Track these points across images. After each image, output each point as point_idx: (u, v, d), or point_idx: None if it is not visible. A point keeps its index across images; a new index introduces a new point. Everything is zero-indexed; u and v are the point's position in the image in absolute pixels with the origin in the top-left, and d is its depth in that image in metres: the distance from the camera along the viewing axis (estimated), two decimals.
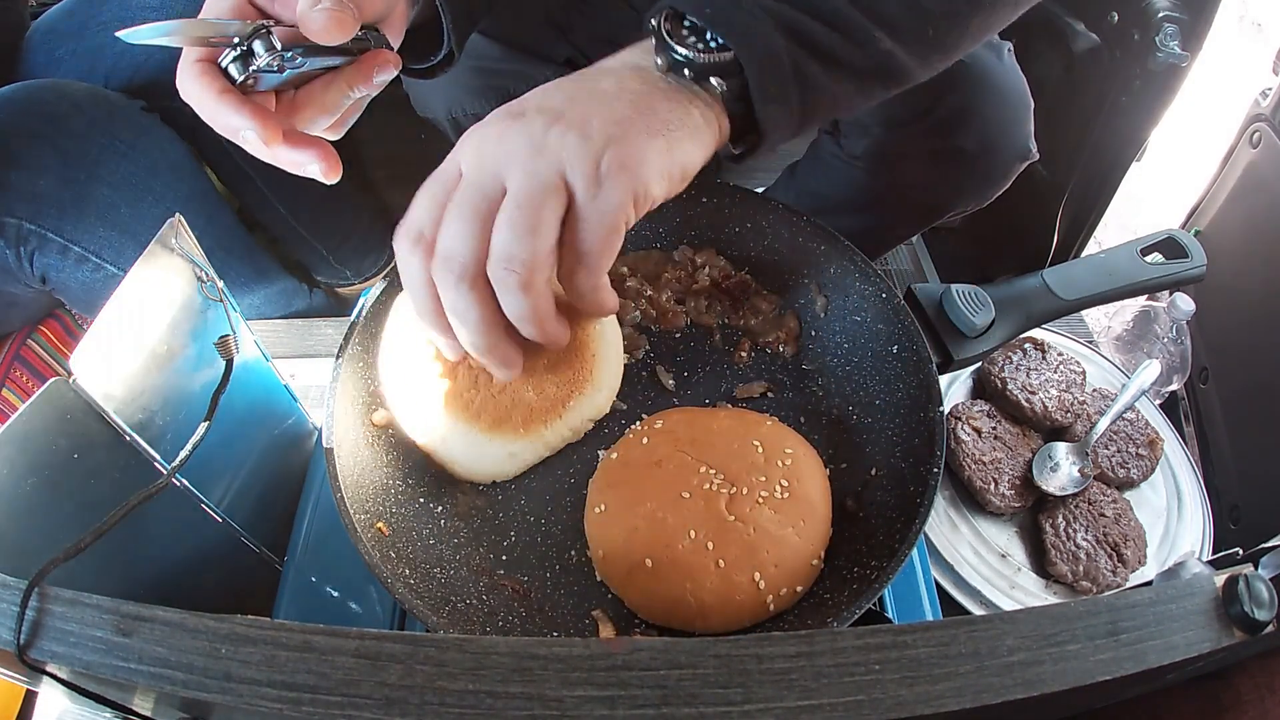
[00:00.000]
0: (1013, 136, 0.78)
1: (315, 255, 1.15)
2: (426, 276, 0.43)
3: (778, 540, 0.52)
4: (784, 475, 0.55)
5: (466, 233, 0.41)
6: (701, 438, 0.57)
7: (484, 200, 0.41)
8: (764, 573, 0.51)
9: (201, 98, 0.45)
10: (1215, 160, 1.01)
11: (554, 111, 0.41)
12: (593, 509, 0.56)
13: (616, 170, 0.40)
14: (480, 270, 0.41)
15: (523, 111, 0.42)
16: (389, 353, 0.58)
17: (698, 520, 0.52)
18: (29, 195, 0.76)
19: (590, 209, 0.40)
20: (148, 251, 0.51)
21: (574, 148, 0.40)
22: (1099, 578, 0.71)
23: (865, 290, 0.63)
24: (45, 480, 0.47)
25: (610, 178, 0.40)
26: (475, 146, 0.42)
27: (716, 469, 0.55)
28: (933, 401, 0.55)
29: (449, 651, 0.29)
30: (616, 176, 0.40)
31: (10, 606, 0.31)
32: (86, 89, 0.80)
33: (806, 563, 0.53)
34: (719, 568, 0.51)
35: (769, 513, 0.53)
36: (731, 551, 0.51)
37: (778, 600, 0.51)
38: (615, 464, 0.58)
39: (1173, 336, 0.96)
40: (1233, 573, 0.33)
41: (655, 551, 0.51)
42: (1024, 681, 0.29)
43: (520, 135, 0.41)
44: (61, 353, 0.95)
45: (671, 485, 0.54)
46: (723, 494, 0.53)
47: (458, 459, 0.57)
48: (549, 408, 0.58)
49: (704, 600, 0.50)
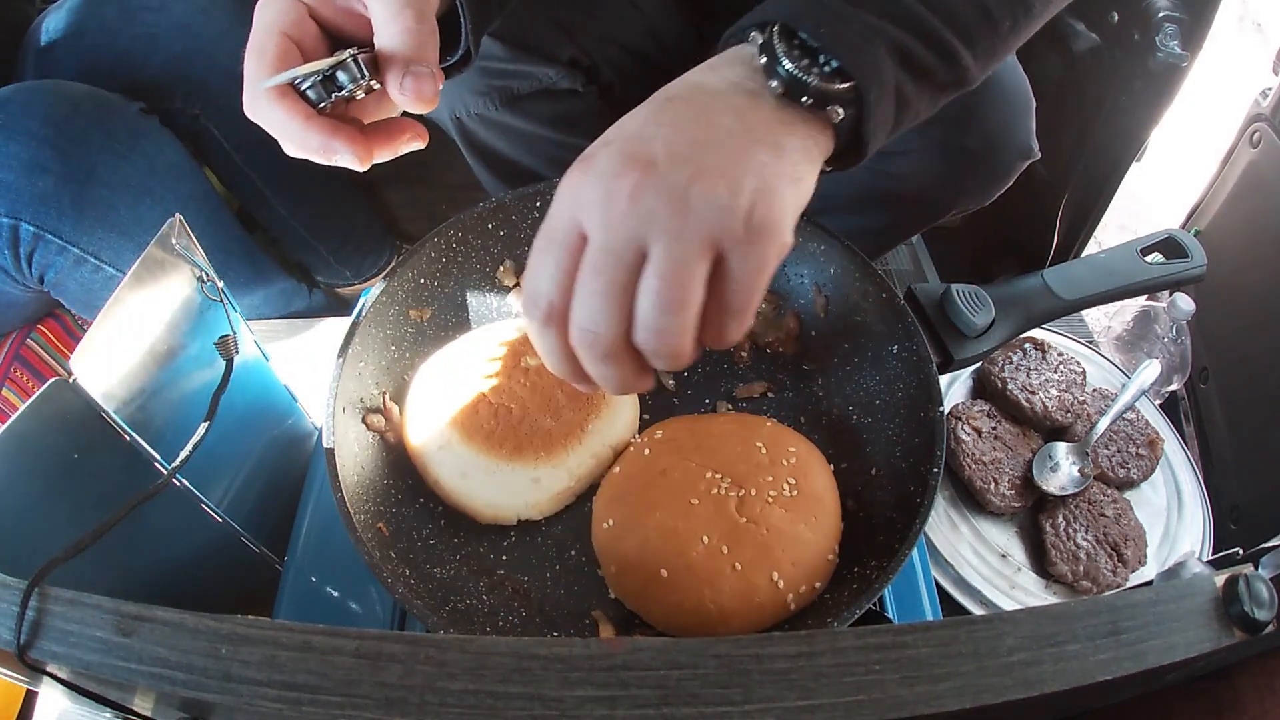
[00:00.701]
0: (1015, 134, 0.78)
1: (315, 255, 1.15)
2: (566, 349, 0.40)
3: (792, 538, 0.52)
4: (790, 473, 0.55)
5: (608, 310, 0.37)
6: (704, 444, 0.56)
7: (624, 271, 0.37)
8: (781, 571, 0.50)
9: (286, 124, 0.45)
10: (1215, 160, 1.01)
11: (688, 161, 0.37)
12: (600, 525, 0.55)
13: (765, 227, 0.37)
14: (625, 343, 0.38)
15: (653, 161, 0.37)
16: (417, 408, 0.60)
17: (709, 525, 0.52)
18: (28, 196, 0.76)
19: (741, 270, 0.37)
20: (148, 251, 0.51)
21: (722, 209, 0.36)
22: (1099, 578, 0.71)
23: (865, 290, 0.63)
24: (45, 480, 0.47)
25: (759, 235, 0.37)
26: (601, 204, 0.37)
27: (722, 473, 0.54)
28: (933, 401, 0.55)
29: (449, 651, 0.29)
30: (765, 233, 0.37)
31: (10, 606, 0.31)
32: (86, 90, 0.80)
33: (822, 558, 0.52)
34: (736, 571, 0.50)
35: (780, 511, 0.53)
36: (747, 553, 0.51)
37: (798, 598, 0.51)
38: (619, 477, 0.57)
39: (1173, 336, 0.96)
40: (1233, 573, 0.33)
41: (669, 561, 0.51)
42: (1024, 681, 0.29)
43: (658, 194, 0.36)
44: (61, 353, 0.95)
45: (679, 493, 0.53)
46: (731, 497, 0.53)
47: (482, 493, 0.57)
48: (568, 432, 0.59)
49: (724, 605, 0.49)
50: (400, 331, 0.63)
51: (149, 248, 0.51)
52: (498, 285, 0.69)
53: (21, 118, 0.75)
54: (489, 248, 0.68)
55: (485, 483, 0.57)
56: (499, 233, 0.68)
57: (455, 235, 0.65)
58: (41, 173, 0.76)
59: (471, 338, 0.65)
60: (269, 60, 0.45)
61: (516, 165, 0.87)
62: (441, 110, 0.83)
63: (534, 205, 0.68)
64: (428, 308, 0.65)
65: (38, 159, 0.75)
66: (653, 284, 0.37)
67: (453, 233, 0.65)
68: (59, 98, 0.78)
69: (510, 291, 0.70)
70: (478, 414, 0.59)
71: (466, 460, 0.57)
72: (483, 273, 0.68)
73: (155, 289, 0.52)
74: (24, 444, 0.45)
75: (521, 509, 0.58)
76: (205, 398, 0.52)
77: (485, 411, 0.59)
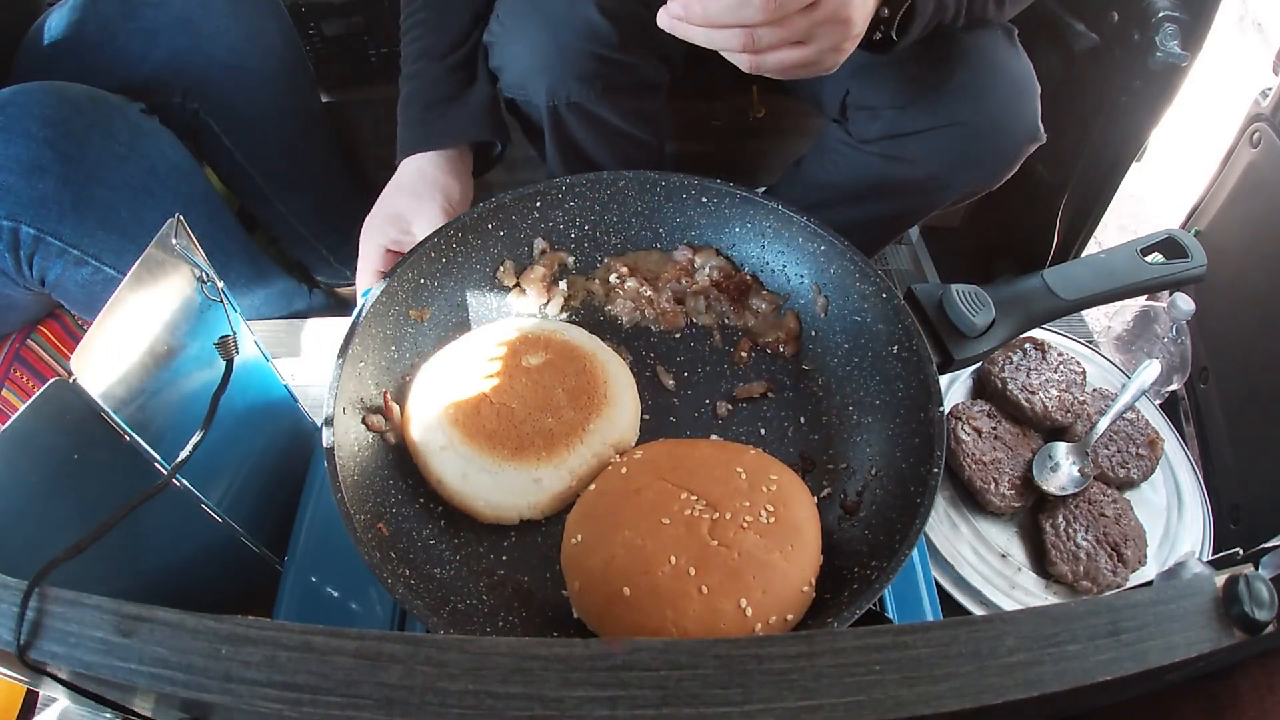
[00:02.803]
0: (1021, 114, 0.79)
1: (316, 255, 1.15)
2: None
3: (764, 565, 0.49)
4: (769, 500, 0.53)
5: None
6: (683, 465, 0.55)
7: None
8: (750, 599, 0.48)
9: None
10: (1215, 160, 1.00)
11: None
12: (568, 541, 0.54)
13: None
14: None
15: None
16: (419, 404, 0.60)
17: (678, 546, 0.50)
18: (28, 198, 0.76)
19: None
20: (148, 252, 0.51)
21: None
22: (1099, 578, 0.71)
23: (865, 290, 0.63)
24: (45, 480, 0.47)
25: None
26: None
27: (698, 495, 0.52)
28: (933, 401, 0.55)
29: (449, 651, 0.29)
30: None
31: (10, 607, 0.31)
32: (86, 91, 0.80)
33: (796, 589, 0.50)
34: (702, 594, 0.48)
35: (754, 537, 0.50)
36: (715, 577, 0.48)
37: (767, 629, 0.49)
38: (592, 495, 0.56)
39: (1173, 336, 0.96)
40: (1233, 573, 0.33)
41: (634, 580, 0.49)
42: (1024, 681, 0.29)
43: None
44: (61, 353, 0.95)
45: (651, 512, 0.52)
46: (705, 519, 0.51)
47: (483, 493, 0.57)
48: (569, 431, 0.59)
49: (687, 629, 0.47)
50: (400, 331, 0.63)
51: (149, 248, 0.51)
52: (498, 285, 0.69)
53: (21, 120, 0.75)
54: (489, 248, 0.68)
55: (487, 483, 0.57)
56: (499, 233, 0.68)
57: (455, 235, 0.65)
58: (42, 175, 0.76)
59: (472, 338, 0.65)
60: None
61: (593, 161, 0.87)
62: (539, 95, 0.80)
63: (534, 205, 0.68)
64: (428, 308, 0.65)
65: (38, 161, 0.75)
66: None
67: (453, 233, 0.65)
68: (59, 99, 0.78)
69: (510, 291, 0.70)
70: (479, 414, 0.59)
71: (468, 460, 0.57)
72: (483, 273, 0.68)
73: (155, 289, 0.52)
74: (24, 444, 0.45)
75: (523, 509, 0.58)
76: (205, 398, 0.52)
77: (487, 411, 0.59)
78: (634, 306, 0.70)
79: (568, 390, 0.61)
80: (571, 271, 0.71)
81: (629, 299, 0.70)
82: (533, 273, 0.69)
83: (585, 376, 0.62)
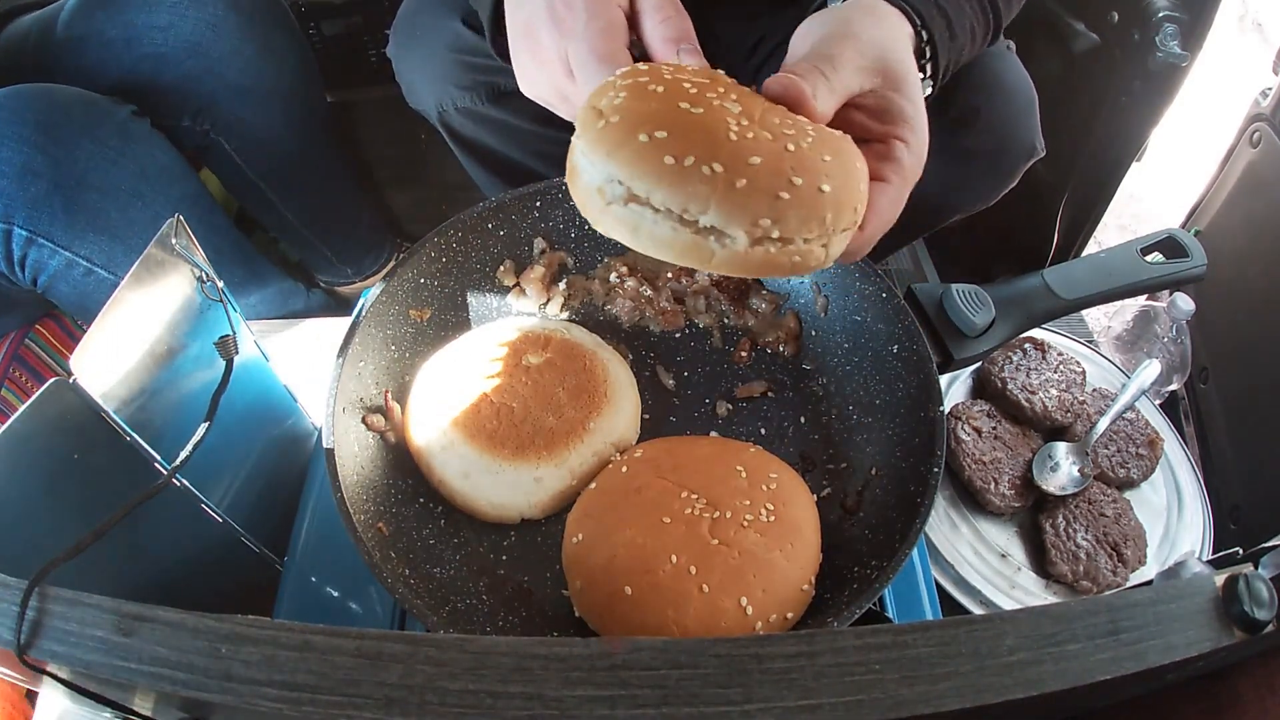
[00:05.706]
0: (1021, 133, 0.78)
1: (318, 256, 1.15)
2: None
3: (765, 564, 0.50)
4: (769, 499, 0.53)
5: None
6: (683, 464, 0.55)
7: None
8: (751, 597, 0.49)
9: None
10: (1215, 160, 1.00)
11: None
12: (570, 540, 0.54)
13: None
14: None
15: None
16: (420, 404, 0.60)
17: (679, 545, 0.50)
18: (20, 201, 0.76)
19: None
20: (147, 252, 0.51)
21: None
22: (1099, 577, 0.71)
23: (865, 290, 0.63)
24: (45, 480, 0.47)
25: None
26: None
27: (699, 494, 0.53)
28: (933, 401, 0.55)
29: (449, 651, 0.29)
30: None
31: (10, 606, 0.31)
32: (77, 94, 0.80)
33: (796, 588, 0.51)
34: (703, 593, 0.49)
35: (755, 536, 0.51)
36: (715, 576, 0.49)
37: (767, 627, 0.49)
38: (593, 493, 0.56)
39: (1173, 336, 0.96)
40: (1233, 572, 0.33)
41: (635, 579, 0.49)
42: (1024, 681, 0.29)
43: None
44: (60, 353, 0.95)
45: (651, 511, 0.52)
46: (705, 518, 0.52)
47: (485, 492, 0.57)
48: (570, 430, 0.59)
49: (688, 628, 0.48)
50: (400, 331, 0.63)
51: (149, 248, 0.51)
52: (498, 285, 0.69)
53: (12, 123, 0.75)
54: (489, 248, 0.68)
55: (488, 482, 0.57)
56: (499, 233, 0.68)
57: (455, 235, 0.65)
58: (33, 177, 0.76)
59: (472, 337, 0.65)
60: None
61: (503, 159, 0.88)
62: (428, 103, 0.83)
63: (533, 205, 0.68)
64: (428, 308, 0.65)
65: (30, 163, 0.75)
66: None
67: (453, 233, 0.65)
68: (50, 102, 0.78)
69: (510, 291, 0.70)
70: (480, 414, 0.59)
71: (469, 460, 0.57)
72: (483, 273, 0.68)
73: (155, 289, 0.52)
74: (24, 444, 0.45)
75: (524, 508, 0.58)
76: (205, 398, 0.52)
77: (487, 411, 0.59)
78: (634, 306, 0.70)
79: (568, 389, 0.61)
80: (571, 271, 0.71)
81: (629, 298, 0.70)
82: (533, 272, 0.69)
83: (585, 375, 0.62)
